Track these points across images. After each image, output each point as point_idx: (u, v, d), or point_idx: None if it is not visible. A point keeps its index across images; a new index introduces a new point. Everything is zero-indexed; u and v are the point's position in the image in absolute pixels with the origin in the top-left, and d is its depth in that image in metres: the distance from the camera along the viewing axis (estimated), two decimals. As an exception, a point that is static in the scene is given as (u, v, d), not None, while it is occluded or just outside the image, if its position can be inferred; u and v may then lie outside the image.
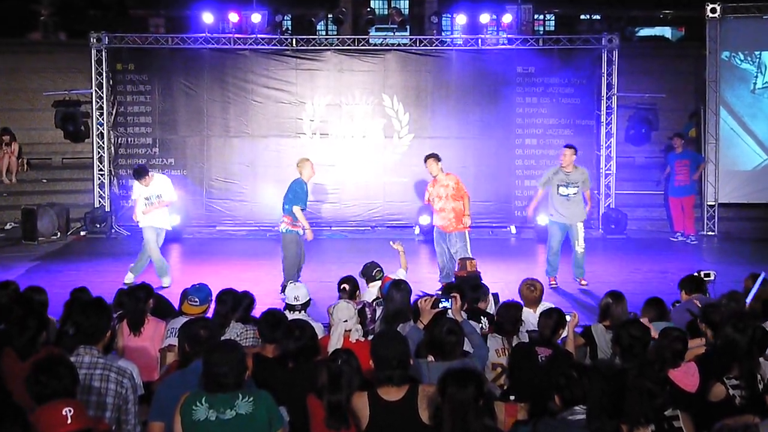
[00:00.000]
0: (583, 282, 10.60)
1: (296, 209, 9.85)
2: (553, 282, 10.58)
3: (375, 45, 15.38)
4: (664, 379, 4.27)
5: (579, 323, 6.18)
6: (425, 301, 5.57)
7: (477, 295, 6.84)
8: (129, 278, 10.25)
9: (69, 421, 3.74)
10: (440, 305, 5.60)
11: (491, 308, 6.97)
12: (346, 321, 5.51)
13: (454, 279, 10.29)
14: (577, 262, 10.61)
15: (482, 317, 6.49)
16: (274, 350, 5.15)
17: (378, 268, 7.75)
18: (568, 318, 5.83)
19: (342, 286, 7.04)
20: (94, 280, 9.96)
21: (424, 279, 10.48)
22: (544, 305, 6.81)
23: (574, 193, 10.40)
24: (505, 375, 5.58)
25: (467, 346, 5.26)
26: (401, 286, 6.12)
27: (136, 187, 10.58)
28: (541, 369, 5.14)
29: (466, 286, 6.95)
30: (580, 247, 10.48)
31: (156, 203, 10.42)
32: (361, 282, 7.57)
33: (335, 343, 5.46)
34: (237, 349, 4.13)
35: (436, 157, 10.36)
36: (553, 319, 5.71)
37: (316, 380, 4.30)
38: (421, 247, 13.27)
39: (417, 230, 14.41)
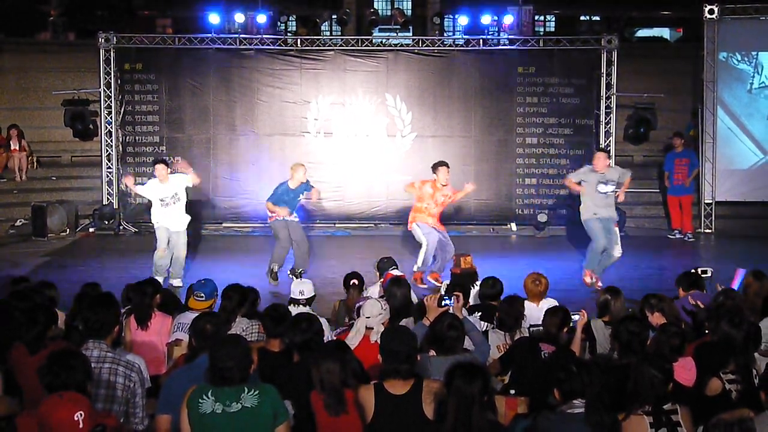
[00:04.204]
0: (599, 285, 9.78)
1: (267, 204, 10.20)
2: (591, 278, 9.97)
3: (378, 45, 15.36)
4: (669, 370, 4.27)
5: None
6: (431, 298, 5.56)
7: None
8: (177, 282, 10.05)
9: (81, 426, 3.80)
10: (443, 303, 5.60)
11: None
12: (368, 317, 5.42)
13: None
14: (604, 262, 10.02)
15: (476, 312, 6.49)
16: (279, 345, 5.15)
17: (394, 266, 7.72)
18: (576, 317, 5.79)
19: (351, 282, 7.03)
20: (103, 276, 9.89)
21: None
22: (548, 301, 6.80)
23: (613, 191, 10.09)
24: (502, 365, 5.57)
25: (468, 344, 5.26)
26: (402, 282, 6.12)
27: (150, 186, 10.14)
28: (544, 365, 5.14)
29: (468, 283, 6.95)
30: (618, 252, 9.94)
31: (170, 203, 10.01)
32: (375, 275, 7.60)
33: (352, 338, 5.39)
34: (241, 343, 4.14)
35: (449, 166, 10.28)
36: (559, 317, 5.68)
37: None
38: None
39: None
